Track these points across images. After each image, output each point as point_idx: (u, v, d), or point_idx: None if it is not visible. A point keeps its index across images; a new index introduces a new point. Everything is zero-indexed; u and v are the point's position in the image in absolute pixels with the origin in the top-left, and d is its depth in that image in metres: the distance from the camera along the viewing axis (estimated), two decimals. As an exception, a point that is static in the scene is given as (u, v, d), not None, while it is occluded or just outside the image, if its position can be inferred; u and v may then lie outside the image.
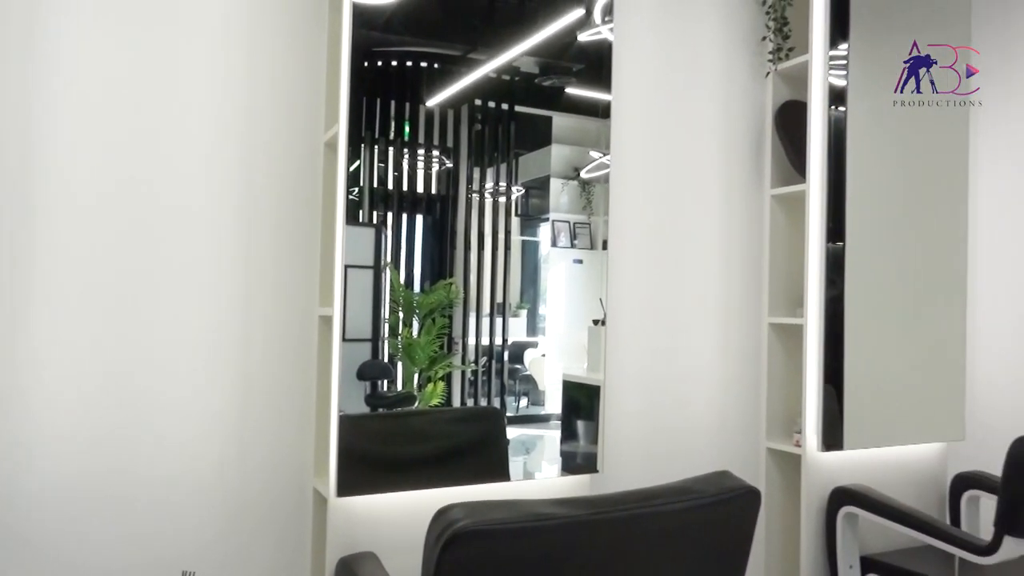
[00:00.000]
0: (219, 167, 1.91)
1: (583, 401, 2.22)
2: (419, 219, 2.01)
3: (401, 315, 1.98)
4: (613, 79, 2.25)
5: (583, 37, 2.20)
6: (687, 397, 2.47)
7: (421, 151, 2.00)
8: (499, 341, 2.09)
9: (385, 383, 1.96)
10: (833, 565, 2.37)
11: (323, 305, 1.98)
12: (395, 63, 1.96)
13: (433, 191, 2.02)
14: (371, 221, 1.94)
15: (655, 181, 2.42)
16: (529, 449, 2.16)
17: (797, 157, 2.50)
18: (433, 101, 2.00)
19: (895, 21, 2.53)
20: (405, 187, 1.97)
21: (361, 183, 1.91)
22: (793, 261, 2.56)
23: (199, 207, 1.89)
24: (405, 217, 1.98)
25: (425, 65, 1.99)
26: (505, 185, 2.11)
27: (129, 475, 1.81)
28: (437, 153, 2.02)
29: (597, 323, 2.22)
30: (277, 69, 1.98)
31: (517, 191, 2.14)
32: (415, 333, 1.99)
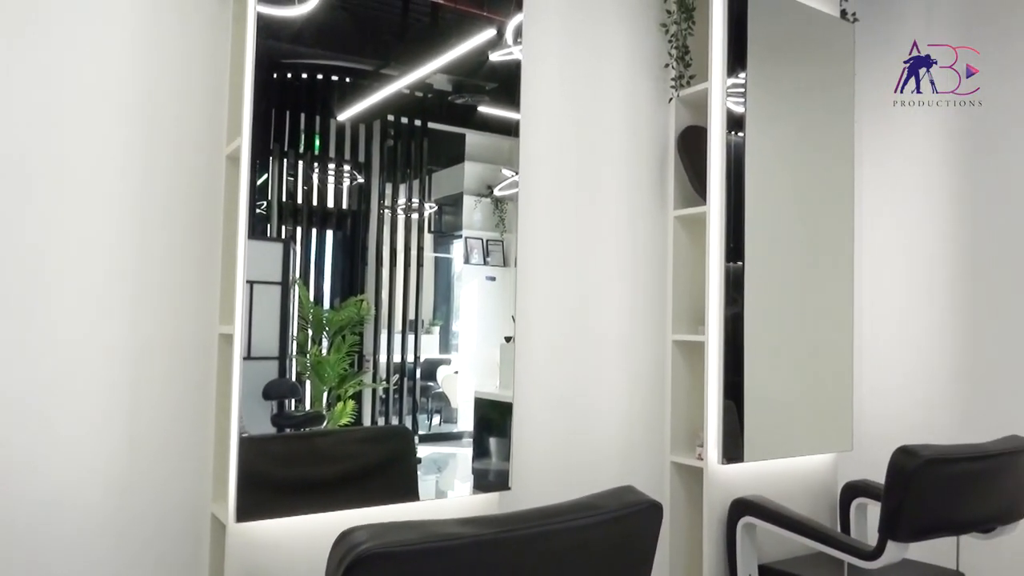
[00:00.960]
0: (111, 179, 1.82)
1: (495, 418, 2.22)
2: (329, 234, 1.97)
3: (310, 332, 1.93)
4: (521, 99, 2.28)
5: (495, 57, 2.22)
6: (595, 413, 2.51)
7: (332, 165, 1.96)
8: (411, 358, 2.07)
9: (293, 402, 1.90)
10: (734, 575, 2.44)
11: (224, 323, 1.90)
12: (305, 75, 1.92)
13: (344, 206, 1.99)
14: (279, 236, 1.89)
15: (563, 201, 2.47)
16: (441, 467, 2.13)
17: (698, 180, 2.60)
18: (345, 115, 1.98)
19: (788, 54, 2.69)
20: (315, 202, 1.93)
21: (269, 197, 1.86)
22: (696, 280, 2.65)
23: (89, 221, 1.79)
24: (315, 232, 1.94)
25: (336, 79, 1.97)
26: (418, 201, 2.10)
27: (4, 498, 1.68)
28: (349, 168, 1.99)
29: (509, 340, 2.23)
30: (177, 80, 1.90)
31: (430, 207, 2.13)
32: (324, 351, 1.94)
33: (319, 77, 1.95)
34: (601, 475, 2.49)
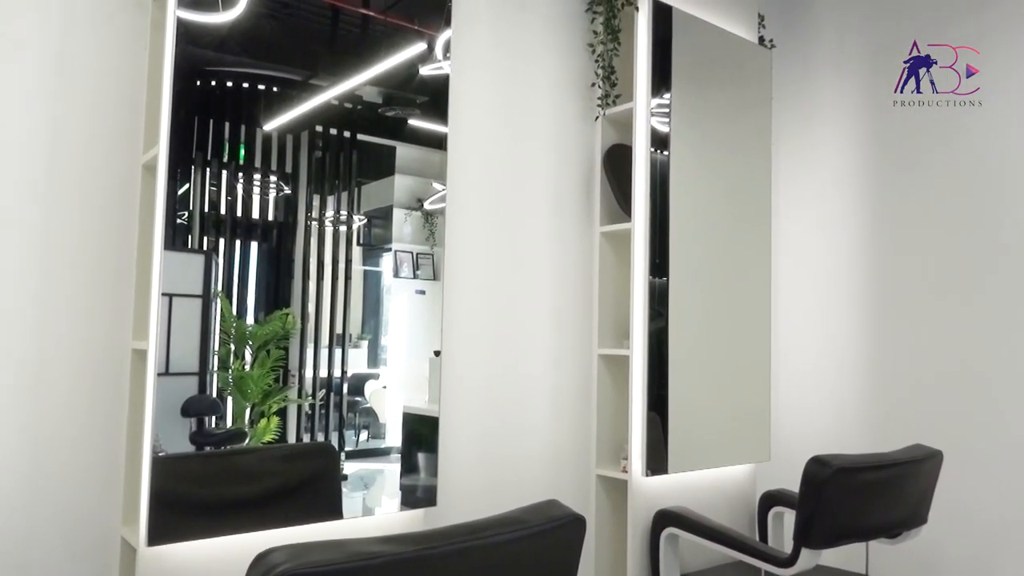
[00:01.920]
0: (17, 188, 1.73)
1: (424, 433, 2.20)
2: (254, 246, 1.92)
3: (233, 347, 1.87)
4: (449, 113, 2.28)
5: (426, 71, 2.22)
6: (522, 427, 2.52)
7: (258, 176, 1.92)
8: (339, 373, 2.03)
9: (213, 420, 1.84)
10: (658, 585, 2.49)
11: (137, 338, 1.83)
12: (231, 84, 1.88)
13: (270, 217, 1.94)
14: (201, 247, 1.83)
15: (490, 215, 2.47)
16: (368, 484, 2.10)
17: (623, 197, 2.65)
18: (271, 125, 1.94)
19: (711, 76, 2.78)
20: (240, 213, 1.88)
21: (191, 207, 1.80)
22: (621, 295, 2.70)
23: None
24: (239, 244, 1.89)
25: (263, 88, 1.93)
26: (347, 214, 2.07)
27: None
28: (275, 179, 1.95)
29: (439, 354, 2.22)
30: (92, 86, 1.82)
31: (359, 220, 2.11)
32: (248, 366, 1.89)
33: (245, 86, 1.90)
34: (528, 489, 2.49)
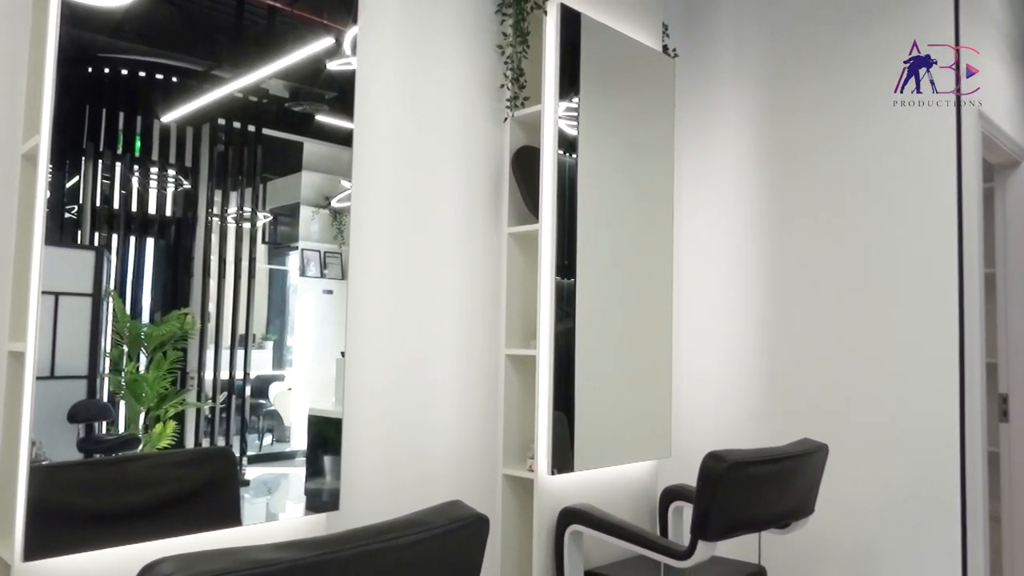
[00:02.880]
0: None
1: (331, 435, 2.15)
2: (151, 243, 1.83)
3: (126, 348, 1.78)
4: (356, 109, 2.24)
5: (333, 66, 2.17)
6: (428, 428, 2.50)
7: (155, 169, 1.83)
8: (241, 375, 1.96)
9: (104, 425, 1.74)
10: (562, 582, 2.53)
11: (14, 339, 1.71)
12: (126, 72, 1.78)
13: (168, 213, 1.86)
14: (92, 243, 1.73)
15: (398, 214, 2.45)
16: (272, 489, 2.04)
17: (531, 198, 2.68)
18: (170, 116, 1.85)
19: (618, 82, 2.85)
20: (135, 207, 1.79)
21: (81, 201, 1.70)
22: (529, 296, 2.73)
23: None
24: (134, 240, 1.79)
25: (162, 77, 1.84)
26: (251, 211, 2.00)
27: None
28: (174, 172, 1.87)
29: (345, 355, 2.18)
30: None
31: (264, 217, 2.04)
32: (142, 368, 1.80)
33: (142, 74, 1.81)
34: (434, 490, 2.48)
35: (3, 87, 1.75)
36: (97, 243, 1.74)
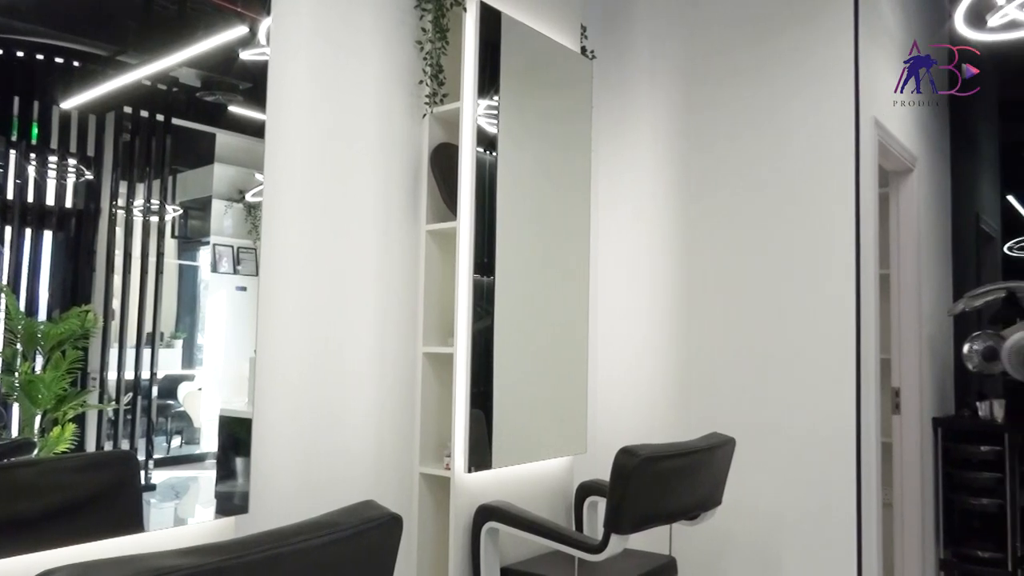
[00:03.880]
0: None
1: (243, 436, 2.08)
2: (48, 236, 1.73)
3: (20, 347, 1.68)
4: (268, 100, 2.18)
5: (247, 55, 2.10)
6: (343, 427, 2.46)
7: (54, 158, 1.73)
8: (148, 375, 1.88)
9: (-5, 429, 1.64)
10: (479, 579, 2.53)
11: None
12: (21, 54, 1.68)
13: (67, 204, 1.76)
14: (-18, 236, 1.63)
15: (312, 209, 2.39)
16: (180, 493, 1.96)
17: (450, 196, 2.67)
18: (71, 103, 1.75)
19: (538, 81, 2.87)
20: (31, 198, 1.69)
21: (-30, 190, 1.60)
22: (447, 294, 2.71)
23: None
24: (30, 233, 1.69)
25: (61, 61, 1.74)
26: (159, 203, 1.91)
27: None
28: (74, 162, 1.77)
29: (257, 353, 2.11)
30: None
31: (174, 211, 1.96)
32: (39, 368, 1.70)
33: (40, 57, 1.71)
34: (349, 490, 2.44)
35: None
36: (-11, 235, 1.63)
